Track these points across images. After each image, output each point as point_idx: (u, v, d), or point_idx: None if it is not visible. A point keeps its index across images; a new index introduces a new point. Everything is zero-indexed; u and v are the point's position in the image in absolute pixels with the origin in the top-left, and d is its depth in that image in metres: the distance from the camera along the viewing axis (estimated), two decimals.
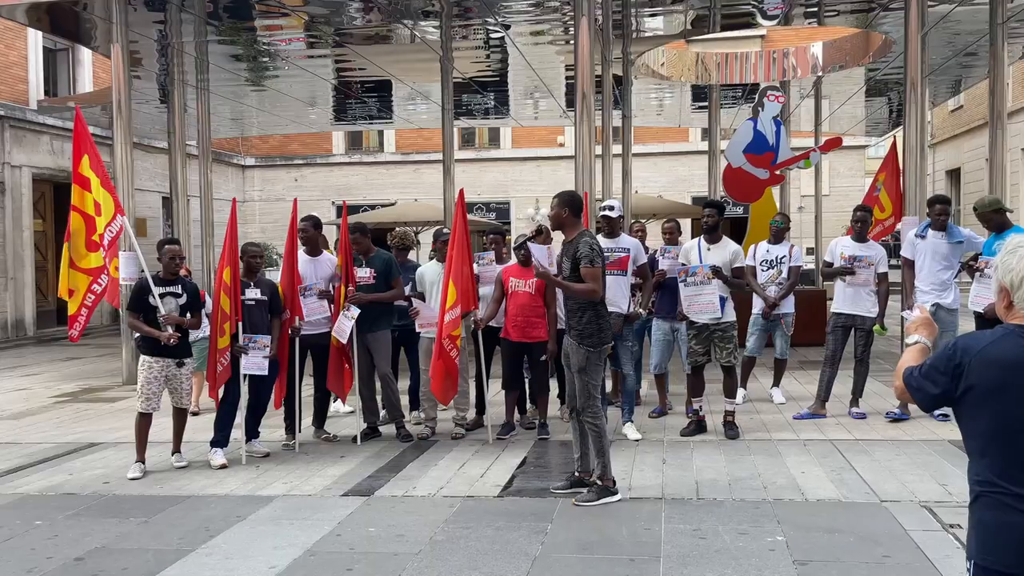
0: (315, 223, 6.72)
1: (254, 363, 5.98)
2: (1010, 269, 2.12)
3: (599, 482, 4.95)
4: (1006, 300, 2.14)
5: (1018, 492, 2.05)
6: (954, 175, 28.31)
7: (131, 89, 10.63)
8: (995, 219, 6.17)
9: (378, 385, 6.85)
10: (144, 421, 5.86)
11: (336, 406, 7.52)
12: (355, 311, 6.37)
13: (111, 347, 13.00)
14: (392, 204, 22.26)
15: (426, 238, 13.28)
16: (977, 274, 6.24)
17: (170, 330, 5.74)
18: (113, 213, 6.18)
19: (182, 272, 6.13)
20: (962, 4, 11.00)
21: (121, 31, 10.12)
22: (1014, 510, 2.05)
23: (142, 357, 5.86)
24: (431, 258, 7.29)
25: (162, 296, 5.82)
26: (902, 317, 6.72)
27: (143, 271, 6.01)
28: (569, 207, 5.07)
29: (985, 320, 6.16)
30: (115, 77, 10.15)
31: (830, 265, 7.13)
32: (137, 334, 5.93)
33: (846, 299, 6.98)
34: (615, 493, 4.94)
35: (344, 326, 6.37)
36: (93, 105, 16.64)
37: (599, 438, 4.98)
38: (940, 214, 6.56)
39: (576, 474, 5.16)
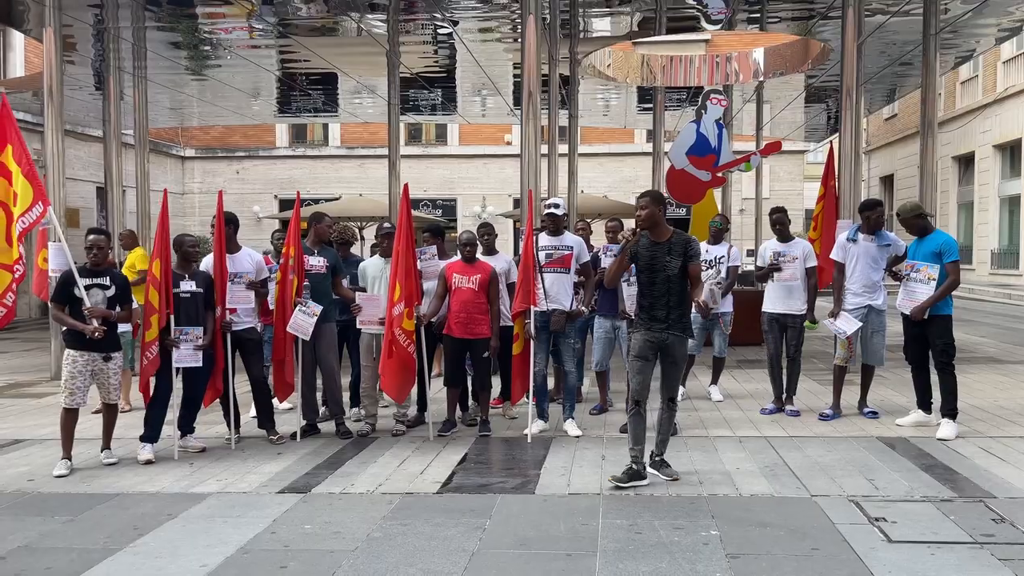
0: (231, 219, 6.53)
1: (186, 355, 5.84)
2: None
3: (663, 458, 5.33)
4: None
5: None
6: (888, 181, 29.25)
7: (64, 75, 10.28)
8: (917, 224, 6.39)
9: (319, 382, 6.75)
10: (69, 417, 5.67)
11: (274, 402, 7.38)
12: (317, 307, 6.26)
13: (39, 341, 12.56)
14: (337, 199, 21.97)
15: (372, 233, 13.14)
16: (904, 278, 6.45)
17: (95, 323, 5.56)
18: (31, 202, 5.94)
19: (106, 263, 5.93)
20: (897, 15, 11.37)
21: (54, 14, 9.78)
22: None
23: (67, 351, 5.66)
24: (373, 253, 7.22)
25: (88, 288, 5.63)
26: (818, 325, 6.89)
27: (70, 262, 5.81)
28: (662, 206, 5.22)
29: (912, 322, 6.37)
30: (46, 62, 9.80)
31: (762, 268, 7.33)
32: (64, 327, 5.73)
33: (777, 298, 7.16)
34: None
35: (304, 323, 6.24)
36: (24, 91, 16.06)
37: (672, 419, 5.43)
38: (880, 216, 6.78)
39: (633, 467, 5.16)
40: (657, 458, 5.33)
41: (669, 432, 5.42)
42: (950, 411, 6.23)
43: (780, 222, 7.29)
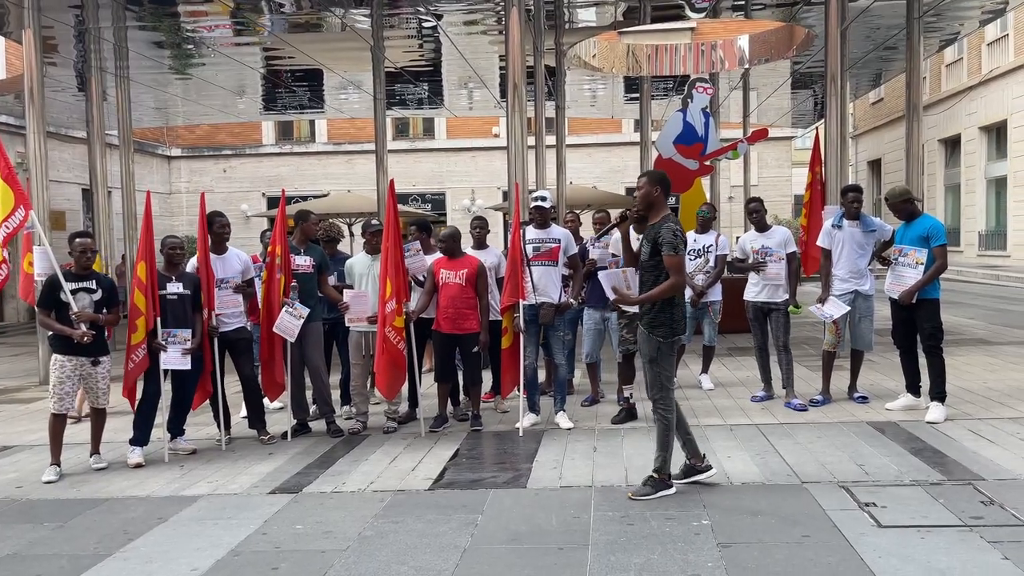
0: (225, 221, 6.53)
1: (173, 358, 5.81)
2: None
3: (655, 475, 4.76)
4: None
5: None
6: (875, 166, 29.32)
7: (45, 76, 10.19)
8: (905, 208, 6.40)
9: (307, 381, 6.73)
10: (58, 422, 5.64)
11: (264, 401, 7.35)
12: (304, 309, 6.24)
13: (27, 346, 12.48)
14: (325, 195, 21.89)
15: (360, 230, 13.10)
16: (892, 262, 6.46)
17: (83, 327, 5.52)
18: (12, 206, 5.89)
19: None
20: None
21: (33, 15, 9.70)
22: None
23: (54, 355, 5.62)
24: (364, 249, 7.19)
25: (75, 292, 5.59)
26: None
27: (54, 266, 5.76)
28: (661, 186, 4.76)
29: (900, 306, 6.39)
30: (27, 64, 9.72)
31: (742, 261, 7.29)
32: (51, 332, 5.69)
33: (760, 290, 7.14)
34: (671, 487, 4.75)
35: (290, 324, 6.22)
36: (6, 93, 15.93)
37: (666, 431, 4.77)
38: (853, 201, 6.78)
39: (688, 461, 4.94)
40: (653, 472, 4.78)
41: (663, 445, 4.76)
42: (939, 394, 6.26)
43: (756, 211, 7.29)
